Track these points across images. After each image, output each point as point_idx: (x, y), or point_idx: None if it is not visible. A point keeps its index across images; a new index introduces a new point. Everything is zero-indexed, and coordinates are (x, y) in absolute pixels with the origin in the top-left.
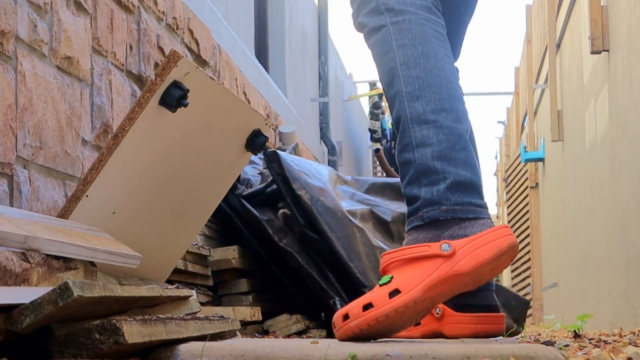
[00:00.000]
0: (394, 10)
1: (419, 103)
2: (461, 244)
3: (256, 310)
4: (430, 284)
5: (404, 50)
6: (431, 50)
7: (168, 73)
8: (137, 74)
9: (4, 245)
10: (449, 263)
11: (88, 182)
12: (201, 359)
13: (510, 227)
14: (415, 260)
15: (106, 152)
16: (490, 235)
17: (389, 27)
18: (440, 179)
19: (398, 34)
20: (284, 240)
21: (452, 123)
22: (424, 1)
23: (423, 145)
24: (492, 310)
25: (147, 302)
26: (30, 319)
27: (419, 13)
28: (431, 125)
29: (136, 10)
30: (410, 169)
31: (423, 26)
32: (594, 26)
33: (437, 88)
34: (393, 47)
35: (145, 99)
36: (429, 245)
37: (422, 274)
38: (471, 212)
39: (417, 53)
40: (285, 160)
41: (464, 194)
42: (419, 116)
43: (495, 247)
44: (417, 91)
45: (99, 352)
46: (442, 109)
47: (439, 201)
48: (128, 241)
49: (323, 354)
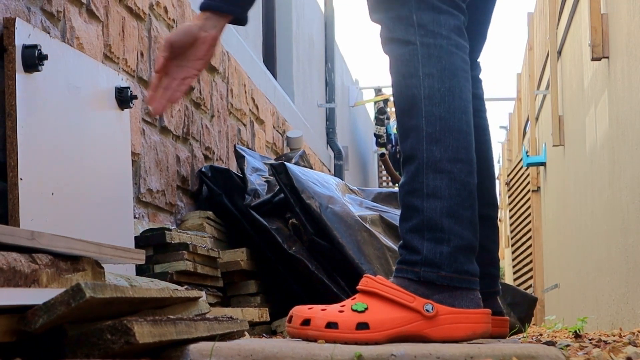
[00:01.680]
0: (426, 28)
1: (437, 148)
2: (443, 311)
3: (264, 311)
4: (399, 333)
5: (430, 82)
6: (457, 86)
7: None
8: (148, 80)
9: (13, 241)
10: (424, 323)
11: (13, 166)
12: (210, 358)
13: (489, 314)
14: (396, 305)
15: (10, 133)
16: (471, 316)
17: (417, 46)
18: (445, 240)
19: (427, 59)
20: (294, 248)
21: (465, 177)
22: (457, 21)
23: (434, 197)
24: (497, 315)
25: (158, 303)
26: (44, 320)
27: (451, 38)
28: (445, 176)
29: (147, 18)
30: (416, 216)
31: (453, 55)
32: (594, 33)
33: (458, 134)
34: (419, 72)
35: (10, 69)
36: (414, 297)
37: (396, 321)
38: (466, 281)
39: (444, 89)
40: (292, 170)
41: (464, 261)
42: (436, 163)
43: (470, 330)
44: (437, 134)
45: (111, 352)
46: (459, 159)
47: (439, 265)
48: (70, 222)
49: (329, 353)
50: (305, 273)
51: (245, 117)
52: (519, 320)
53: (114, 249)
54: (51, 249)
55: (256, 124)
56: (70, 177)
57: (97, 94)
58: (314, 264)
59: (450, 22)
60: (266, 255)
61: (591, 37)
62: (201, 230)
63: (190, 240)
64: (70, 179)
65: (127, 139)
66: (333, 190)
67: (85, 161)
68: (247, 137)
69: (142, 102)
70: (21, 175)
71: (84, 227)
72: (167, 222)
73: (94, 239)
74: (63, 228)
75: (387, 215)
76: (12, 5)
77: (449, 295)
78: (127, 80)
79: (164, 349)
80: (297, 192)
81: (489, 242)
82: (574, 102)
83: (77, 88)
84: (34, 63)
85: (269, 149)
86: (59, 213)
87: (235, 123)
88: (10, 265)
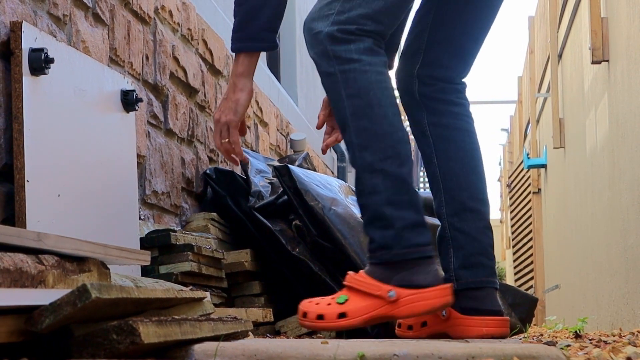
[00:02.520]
0: (341, 58)
1: (367, 153)
2: (404, 294)
3: (268, 312)
4: (371, 317)
5: (352, 101)
6: (375, 98)
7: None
8: (153, 83)
9: (20, 242)
10: (390, 307)
11: (20, 168)
12: (215, 358)
13: (451, 287)
14: (367, 295)
15: (17, 135)
16: (428, 294)
17: (338, 75)
18: (390, 225)
19: (346, 83)
20: (297, 249)
21: (396, 168)
22: (365, 44)
23: (374, 193)
24: (497, 314)
25: (163, 303)
26: (50, 320)
27: (362, 60)
28: (379, 174)
29: (152, 22)
30: (365, 212)
31: (366, 74)
32: (595, 37)
33: (382, 137)
34: (343, 96)
35: (17, 72)
36: (380, 286)
37: (368, 308)
38: (417, 252)
39: (364, 104)
40: (295, 173)
41: (410, 236)
42: (368, 166)
43: (428, 306)
44: (365, 142)
45: (116, 352)
46: (387, 157)
47: (390, 246)
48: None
49: (333, 353)
50: (308, 274)
51: (249, 120)
52: (520, 321)
53: (120, 250)
54: (57, 250)
55: (260, 127)
56: (76, 179)
57: (103, 97)
58: (318, 265)
59: (360, 46)
60: (270, 256)
61: (591, 41)
62: (206, 232)
63: (195, 241)
64: (77, 181)
65: (133, 141)
66: (336, 192)
67: (91, 163)
68: (251, 139)
69: (147, 104)
70: (28, 178)
71: (90, 229)
72: (172, 223)
73: (100, 240)
74: (69, 229)
75: None
76: (19, 9)
77: (407, 273)
78: (132, 83)
79: (169, 349)
80: (300, 194)
81: (479, 234)
82: (575, 104)
83: (83, 91)
84: (40, 66)
85: (272, 151)
86: (65, 215)
87: None
88: (17, 266)
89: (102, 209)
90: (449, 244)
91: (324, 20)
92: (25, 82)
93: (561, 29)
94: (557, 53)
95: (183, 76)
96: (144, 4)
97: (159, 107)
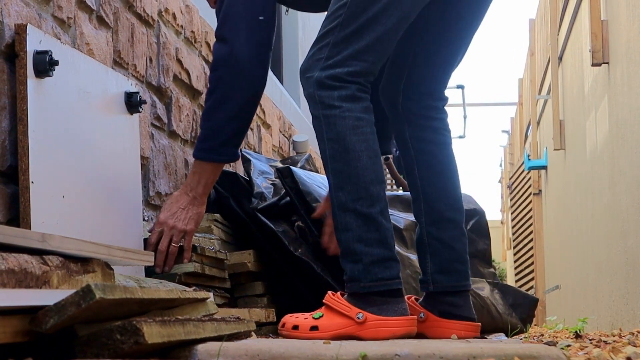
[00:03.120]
0: (324, 103)
1: (342, 193)
2: (371, 318)
3: (271, 312)
4: (338, 334)
5: (331, 144)
6: (350, 143)
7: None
8: (157, 85)
9: (25, 243)
10: (357, 327)
11: (25, 169)
12: (218, 358)
13: (415, 319)
14: (339, 313)
15: (22, 137)
16: (392, 322)
17: (321, 119)
18: (359, 259)
19: (327, 127)
20: (300, 250)
21: (367, 209)
22: (347, 91)
23: (346, 230)
24: (471, 320)
25: (166, 304)
26: (54, 320)
27: (342, 107)
28: (351, 213)
29: (156, 25)
30: (340, 246)
31: (345, 119)
32: (595, 39)
33: (356, 179)
34: (325, 138)
35: (21, 74)
36: (351, 308)
37: (337, 325)
38: (384, 285)
39: (341, 148)
40: (297, 174)
41: (377, 271)
42: (342, 205)
43: (390, 333)
44: (340, 183)
45: (120, 352)
46: (359, 197)
47: (359, 279)
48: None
49: (335, 353)
50: (310, 274)
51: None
52: (520, 321)
53: (124, 250)
54: (62, 251)
55: (263, 128)
56: (80, 180)
57: (107, 99)
58: (320, 266)
59: (342, 93)
60: (273, 257)
61: (591, 43)
62: (209, 233)
63: (198, 242)
64: (81, 182)
65: (137, 143)
66: None
67: (95, 165)
68: (254, 141)
69: (151, 106)
70: (32, 179)
71: (94, 230)
72: None
73: (104, 241)
74: (73, 230)
75: (391, 218)
76: (24, 12)
77: (377, 308)
78: (136, 85)
79: (173, 349)
80: (302, 196)
81: (455, 242)
82: (575, 106)
83: (87, 93)
84: (45, 68)
85: (275, 152)
86: (70, 216)
87: None
88: (22, 267)
89: (106, 210)
90: (426, 249)
91: (315, 65)
92: (30, 84)
93: (561, 32)
94: (558, 55)
95: (186, 78)
96: (148, 6)
97: (163, 109)
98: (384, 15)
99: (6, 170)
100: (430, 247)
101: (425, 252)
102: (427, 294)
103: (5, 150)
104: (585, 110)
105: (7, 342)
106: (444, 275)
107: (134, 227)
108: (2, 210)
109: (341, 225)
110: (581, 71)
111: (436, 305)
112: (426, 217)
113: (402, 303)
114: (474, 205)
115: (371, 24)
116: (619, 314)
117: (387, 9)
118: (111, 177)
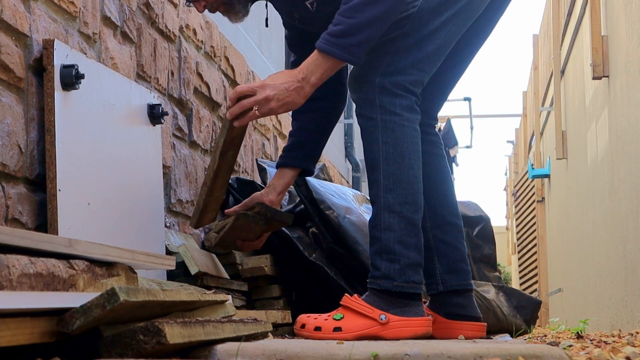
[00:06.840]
0: (385, 108)
1: (391, 195)
2: (393, 319)
3: (287, 314)
4: (361, 334)
5: (387, 148)
6: (407, 151)
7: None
8: (178, 97)
9: (52, 248)
10: (380, 328)
11: (52, 178)
12: (236, 358)
13: (431, 320)
14: (361, 315)
15: (49, 147)
16: (413, 322)
17: (378, 122)
18: (396, 260)
19: (384, 131)
20: (314, 255)
21: (411, 214)
22: (408, 102)
23: (389, 230)
24: (477, 320)
25: (187, 306)
26: (80, 322)
27: (402, 115)
28: (397, 215)
29: (177, 40)
30: (377, 243)
31: (404, 128)
32: (595, 54)
33: (406, 184)
34: (379, 140)
35: (49, 87)
36: (373, 309)
37: (360, 326)
38: (413, 287)
39: (397, 153)
40: (311, 183)
41: (411, 273)
42: (389, 206)
43: (412, 332)
44: (391, 185)
45: (143, 352)
46: (406, 202)
47: (393, 277)
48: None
49: (348, 353)
50: (324, 278)
51: (269, 132)
52: (524, 322)
53: (147, 255)
54: (87, 256)
55: (279, 139)
56: (105, 188)
57: (131, 111)
58: (333, 270)
59: (403, 102)
60: (288, 261)
61: (592, 58)
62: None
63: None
64: (106, 190)
65: (159, 152)
66: (350, 202)
67: (119, 173)
68: (270, 150)
69: (172, 117)
70: (60, 187)
71: (118, 235)
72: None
73: (128, 246)
74: (99, 236)
75: None
76: (51, 28)
77: (400, 310)
78: (158, 97)
79: (193, 349)
80: (316, 204)
81: (458, 243)
82: (577, 118)
83: (111, 105)
84: (71, 82)
85: None
86: (95, 222)
87: (260, 138)
88: (49, 271)
89: (129, 217)
90: (433, 252)
91: (373, 71)
92: (57, 96)
93: (564, 47)
94: (560, 69)
95: (206, 91)
96: (170, 22)
97: (184, 120)
98: (443, 29)
99: (35, 179)
100: (437, 249)
101: (433, 255)
102: (433, 297)
103: (34, 160)
104: (586, 122)
105: (35, 342)
106: (452, 274)
107: (156, 232)
108: (30, 217)
109: (384, 224)
110: (582, 84)
111: (442, 308)
112: (431, 222)
113: (421, 306)
114: (480, 212)
115: (431, 36)
116: (618, 315)
117: (446, 24)
118: (134, 185)
